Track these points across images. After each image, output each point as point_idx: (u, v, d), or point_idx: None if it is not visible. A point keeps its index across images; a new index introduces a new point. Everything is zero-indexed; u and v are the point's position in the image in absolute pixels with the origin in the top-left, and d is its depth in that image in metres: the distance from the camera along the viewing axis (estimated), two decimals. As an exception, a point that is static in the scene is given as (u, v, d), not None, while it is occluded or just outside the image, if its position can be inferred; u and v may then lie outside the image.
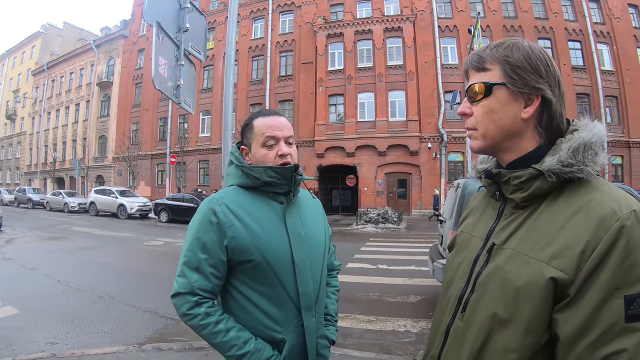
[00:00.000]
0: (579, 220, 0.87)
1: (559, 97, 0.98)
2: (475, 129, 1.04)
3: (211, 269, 1.42)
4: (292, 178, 1.52)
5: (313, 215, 1.67)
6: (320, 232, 1.65)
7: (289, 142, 1.58)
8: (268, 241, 1.45)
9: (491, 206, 1.11)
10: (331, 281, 1.83)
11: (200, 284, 1.42)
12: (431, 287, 7.43)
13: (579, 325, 0.82)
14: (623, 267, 0.81)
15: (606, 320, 0.81)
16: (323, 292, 1.62)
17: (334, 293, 1.82)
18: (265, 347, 1.42)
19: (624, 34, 27.20)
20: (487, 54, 1.02)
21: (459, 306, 1.04)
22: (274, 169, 1.50)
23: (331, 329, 1.70)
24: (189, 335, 5.09)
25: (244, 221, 1.45)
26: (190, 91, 3.63)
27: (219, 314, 1.43)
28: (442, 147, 26.48)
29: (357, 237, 15.72)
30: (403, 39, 27.64)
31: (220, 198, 1.49)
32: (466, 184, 5.74)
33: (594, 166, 0.93)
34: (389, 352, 4.67)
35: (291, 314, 1.48)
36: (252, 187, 1.54)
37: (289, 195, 1.56)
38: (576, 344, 0.83)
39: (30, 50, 52.37)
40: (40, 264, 9.27)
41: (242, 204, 1.49)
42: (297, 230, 1.52)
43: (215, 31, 32.67)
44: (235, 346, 1.39)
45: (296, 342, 1.48)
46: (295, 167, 1.54)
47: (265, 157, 1.54)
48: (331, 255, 1.82)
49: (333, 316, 1.75)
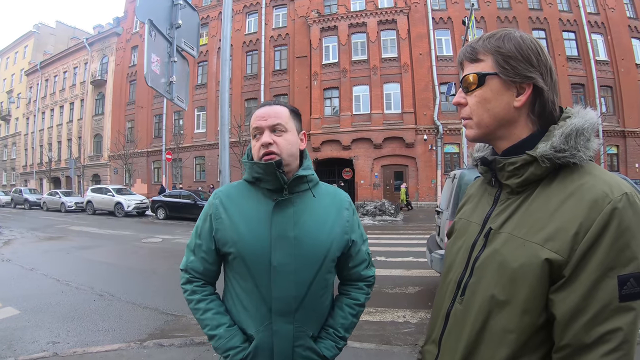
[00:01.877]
0: (572, 204, 0.90)
1: (551, 86, 1.00)
2: (470, 118, 1.07)
3: (202, 254, 1.55)
4: (275, 174, 1.46)
5: (321, 216, 1.54)
6: (322, 235, 1.51)
7: (277, 130, 1.49)
8: (247, 238, 1.46)
9: (488, 193, 1.14)
10: (352, 293, 1.66)
11: (193, 265, 1.57)
12: (429, 277, 7.47)
13: (575, 305, 0.85)
14: (616, 247, 0.83)
15: (601, 299, 0.83)
16: (316, 300, 1.51)
17: (351, 307, 1.63)
18: (235, 336, 1.47)
19: (618, 24, 27.27)
20: (479, 45, 1.05)
21: (458, 290, 1.07)
22: (259, 164, 1.48)
23: (326, 343, 1.55)
24: (189, 330, 5.12)
25: (230, 215, 1.51)
26: (183, 87, 3.62)
27: (205, 294, 1.55)
28: (438, 139, 26.55)
29: (355, 230, 15.64)
30: (397, 31, 27.64)
31: (220, 192, 1.59)
32: (462, 175, 5.75)
33: (587, 152, 0.95)
34: (388, 342, 4.69)
35: (263, 315, 1.46)
36: (251, 182, 1.56)
37: (282, 193, 1.49)
38: (572, 323, 0.85)
39: (23, 50, 52.08)
40: (39, 264, 9.24)
41: (235, 198, 1.55)
42: (283, 232, 1.46)
43: (209, 27, 32.63)
44: (208, 326, 1.49)
45: (264, 342, 1.45)
46: (278, 163, 1.46)
47: (254, 149, 1.53)
48: (360, 264, 1.66)
49: (337, 331, 1.59)
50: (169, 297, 6.43)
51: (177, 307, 5.92)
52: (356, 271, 1.66)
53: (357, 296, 1.66)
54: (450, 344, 1.07)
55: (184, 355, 4.21)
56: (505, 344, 0.92)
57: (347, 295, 1.66)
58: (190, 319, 5.47)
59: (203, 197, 21.05)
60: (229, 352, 1.45)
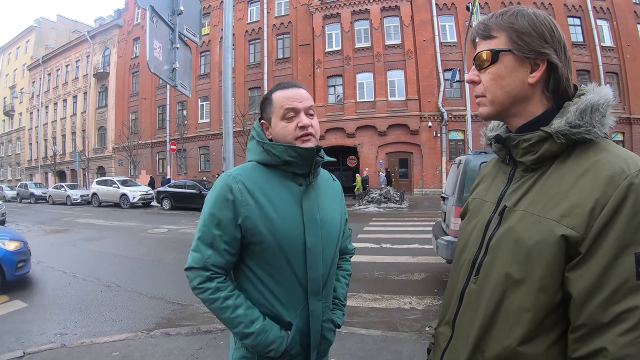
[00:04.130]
0: (588, 179, 0.88)
1: (565, 62, 0.98)
2: (483, 96, 1.06)
3: (225, 246, 1.41)
4: (313, 159, 1.47)
5: (331, 198, 1.62)
6: (336, 215, 1.60)
7: (310, 113, 1.51)
8: (281, 225, 1.41)
9: (502, 171, 1.13)
10: (343, 265, 1.80)
11: (214, 260, 1.40)
12: (435, 264, 7.46)
13: (591, 282, 0.84)
14: (633, 224, 0.82)
15: (618, 277, 0.82)
16: (332, 276, 1.60)
17: (345, 277, 1.79)
18: (272, 328, 1.41)
19: (624, 10, 26.90)
20: (492, 22, 1.03)
21: (472, 270, 1.05)
22: (296, 148, 1.44)
23: (338, 313, 1.67)
24: (196, 319, 5.14)
25: (259, 201, 1.41)
26: (187, 74, 3.59)
27: (230, 290, 1.42)
28: (443, 126, 26.41)
29: (359, 217, 15.78)
30: (400, 17, 27.37)
31: (238, 175, 1.45)
32: (468, 160, 5.73)
33: (602, 128, 0.94)
34: (395, 329, 4.70)
35: (299, 298, 1.46)
36: (271, 165, 1.49)
37: (309, 177, 1.51)
38: (588, 301, 0.84)
39: (25, 45, 52.08)
40: (45, 257, 9.29)
41: (259, 182, 1.45)
42: (313, 214, 1.48)
43: (211, 16, 32.46)
44: (242, 324, 1.38)
45: (302, 325, 1.47)
46: (318, 148, 1.49)
47: (285, 130, 1.47)
48: (346, 239, 1.80)
49: (341, 300, 1.72)
50: (176, 287, 6.46)
51: (183, 296, 5.95)
52: (345, 245, 1.80)
53: (347, 267, 1.82)
54: (465, 325, 1.05)
55: (191, 343, 4.22)
56: (521, 324, 0.91)
57: (340, 267, 1.77)
58: (197, 307, 5.50)
59: (208, 187, 21.08)
60: (271, 346, 1.40)
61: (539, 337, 0.90)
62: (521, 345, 0.91)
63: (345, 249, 1.81)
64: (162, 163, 35.52)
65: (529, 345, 0.90)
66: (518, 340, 0.91)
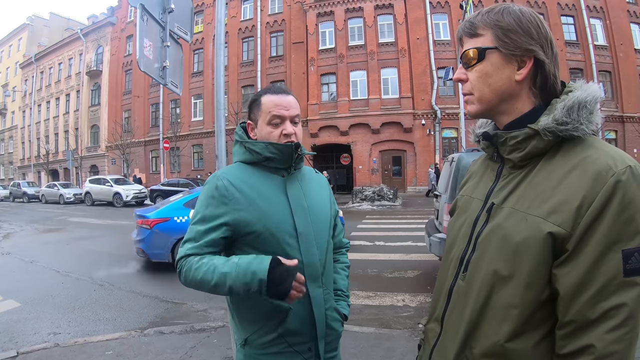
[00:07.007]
0: (575, 176, 0.88)
1: (552, 58, 0.99)
2: (471, 94, 1.06)
3: (206, 241, 1.43)
4: (292, 156, 1.53)
5: (317, 188, 1.68)
6: (324, 204, 1.66)
7: (295, 122, 1.58)
8: (270, 212, 1.46)
9: (490, 168, 1.13)
10: (340, 258, 1.84)
11: (193, 252, 1.43)
12: (428, 261, 7.49)
13: (579, 279, 0.84)
14: (620, 221, 0.82)
15: (605, 274, 0.82)
16: (330, 265, 1.64)
17: (344, 269, 1.83)
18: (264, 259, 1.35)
19: (617, 9, 26.98)
20: (478, 20, 1.03)
21: (460, 267, 1.06)
22: (276, 145, 1.51)
23: (342, 303, 1.71)
24: (189, 317, 5.14)
25: (245, 194, 1.47)
26: (177, 72, 3.57)
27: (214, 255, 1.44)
28: (436, 124, 26.45)
29: (353, 215, 15.77)
30: (394, 15, 27.33)
31: (223, 173, 1.53)
32: (460, 158, 5.75)
33: (589, 125, 0.93)
34: (388, 326, 4.72)
35: None
36: (254, 163, 1.56)
37: (290, 169, 1.57)
38: (576, 298, 0.84)
39: (17, 43, 51.60)
40: (39, 256, 9.26)
41: (243, 178, 1.51)
42: (299, 201, 1.54)
43: (204, 14, 32.31)
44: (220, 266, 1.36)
45: (302, 312, 1.49)
46: (296, 145, 1.54)
47: (270, 135, 1.55)
48: (339, 233, 1.84)
49: (344, 291, 1.76)
50: (169, 286, 6.45)
51: (177, 295, 5.94)
52: (339, 239, 1.84)
53: (344, 260, 1.86)
54: (453, 321, 1.05)
55: (185, 341, 4.23)
56: (509, 320, 0.91)
57: (337, 260, 1.81)
58: (191, 306, 5.50)
59: (201, 185, 20.97)
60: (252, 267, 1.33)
61: (527, 333, 0.91)
62: (509, 341, 0.91)
63: (340, 243, 1.84)
64: (156, 161, 35.35)
65: (516, 341, 0.91)
66: (506, 337, 0.91)
